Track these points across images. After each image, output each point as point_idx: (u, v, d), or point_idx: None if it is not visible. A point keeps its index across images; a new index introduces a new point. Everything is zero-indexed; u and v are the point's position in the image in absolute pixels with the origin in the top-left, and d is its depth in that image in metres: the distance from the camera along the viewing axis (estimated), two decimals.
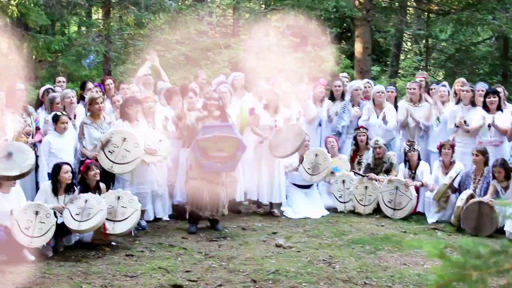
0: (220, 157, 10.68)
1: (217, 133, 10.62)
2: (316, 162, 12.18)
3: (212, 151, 10.57)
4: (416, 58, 29.28)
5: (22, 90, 10.78)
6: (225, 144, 10.61)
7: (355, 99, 13.49)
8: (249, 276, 8.35)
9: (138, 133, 10.75)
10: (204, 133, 10.54)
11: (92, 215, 9.50)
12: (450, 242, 7.10)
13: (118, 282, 8.16)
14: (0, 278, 8.36)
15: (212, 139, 10.55)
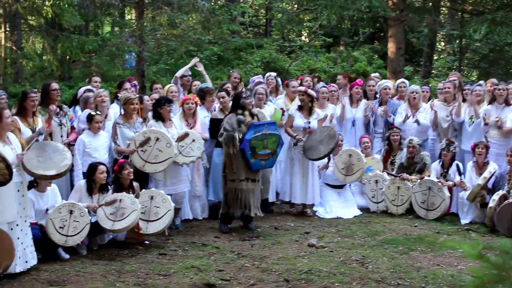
0: (265, 155, 10.74)
1: (265, 130, 10.67)
2: (350, 163, 12.14)
3: (259, 149, 10.63)
4: (450, 58, 29.08)
5: (56, 90, 10.84)
6: (269, 140, 10.67)
7: (383, 98, 13.42)
8: (281, 275, 8.35)
9: (172, 132, 10.79)
10: (255, 132, 10.58)
11: (126, 215, 9.56)
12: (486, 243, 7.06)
13: (151, 281, 8.21)
14: (35, 276, 8.44)
15: (261, 137, 10.59)
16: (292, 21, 26.54)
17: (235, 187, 10.80)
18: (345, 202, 12.42)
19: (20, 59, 21.68)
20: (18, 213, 8.52)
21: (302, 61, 25.04)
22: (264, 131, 10.72)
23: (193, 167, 11.36)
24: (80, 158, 10.37)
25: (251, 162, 10.63)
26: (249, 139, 10.54)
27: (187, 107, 11.33)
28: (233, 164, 10.76)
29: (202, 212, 11.85)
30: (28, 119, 9.99)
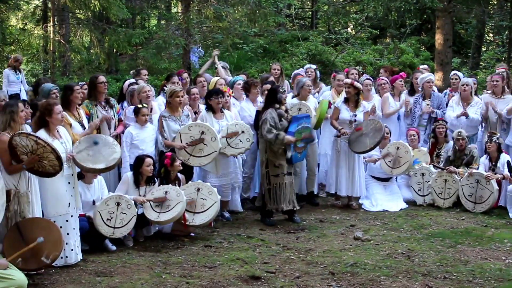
0: (301, 148, 10.84)
1: (304, 123, 10.71)
2: (397, 156, 12.05)
3: (298, 142, 10.65)
4: (498, 49, 28.69)
5: (104, 83, 10.92)
6: (304, 133, 10.69)
7: (426, 91, 13.27)
8: (327, 268, 8.34)
9: (222, 124, 10.84)
10: (298, 124, 10.65)
11: (171, 206, 9.62)
12: None
13: (197, 273, 8.26)
14: (83, 267, 8.55)
15: (301, 130, 10.62)
16: (338, 13, 26.40)
17: (280, 182, 10.83)
18: (391, 195, 12.34)
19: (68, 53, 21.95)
20: (70, 205, 8.64)
21: (348, 53, 24.92)
22: (303, 124, 10.79)
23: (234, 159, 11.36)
24: (127, 151, 10.46)
25: (292, 155, 10.65)
26: (294, 132, 10.58)
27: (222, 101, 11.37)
28: (275, 159, 10.78)
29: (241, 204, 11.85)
30: (74, 112, 10.09)
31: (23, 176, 8.12)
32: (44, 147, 7.86)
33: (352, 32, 28.69)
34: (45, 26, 23.96)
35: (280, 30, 28.01)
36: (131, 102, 11.40)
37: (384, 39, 28.55)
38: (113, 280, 7.99)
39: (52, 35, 22.59)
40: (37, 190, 8.36)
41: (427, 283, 7.73)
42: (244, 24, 24.32)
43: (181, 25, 20.43)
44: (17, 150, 7.93)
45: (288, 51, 25.15)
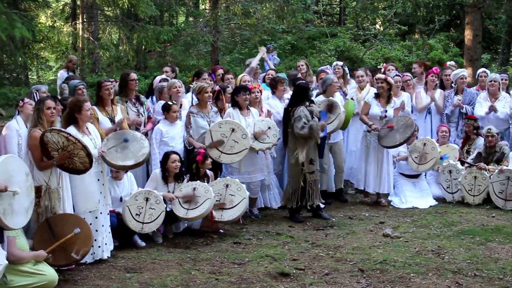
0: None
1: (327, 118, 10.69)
2: (424, 152, 11.96)
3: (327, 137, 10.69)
4: None
5: (135, 80, 10.95)
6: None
7: (459, 87, 13.18)
8: (356, 265, 8.31)
9: (248, 121, 10.83)
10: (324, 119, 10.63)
11: (200, 203, 9.63)
12: None
13: (226, 269, 8.27)
14: (113, 263, 8.60)
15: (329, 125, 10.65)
16: (366, 9, 26.33)
17: (315, 179, 10.84)
18: (421, 192, 12.26)
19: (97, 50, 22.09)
20: (99, 201, 8.70)
21: (377, 49, 24.84)
22: (326, 118, 10.83)
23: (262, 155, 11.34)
24: (157, 147, 10.48)
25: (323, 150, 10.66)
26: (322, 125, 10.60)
27: (253, 96, 11.36)
28: (310, 156, 10.77)
29: (273, 201, 11.83)
30: (107, 108, 10.12)
31: (54, 173, 8.18)
32: (74, 143, 7.90)
33: (381, 28, 28.58)
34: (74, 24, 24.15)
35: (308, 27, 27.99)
36: (159, 98, 11.42)
37: (413, 35, 28.39)
38: (142, 276, 8.02)
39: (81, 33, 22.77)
40: (68, 186, 8.42)
41: (457, 280, 7.67)
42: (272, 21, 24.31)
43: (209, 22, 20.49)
44: (48, 147, 7.98)
45: (316, 47, 25.13)
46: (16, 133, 8.51)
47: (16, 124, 8.68)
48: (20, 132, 8.56)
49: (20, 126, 8.66)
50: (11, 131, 8.53)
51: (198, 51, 23.94)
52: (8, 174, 7.06)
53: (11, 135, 8.51)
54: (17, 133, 8.52)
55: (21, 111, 8.89)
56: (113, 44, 25.16)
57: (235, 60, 23.51)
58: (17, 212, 7.16)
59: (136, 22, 21.22)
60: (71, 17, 25.63)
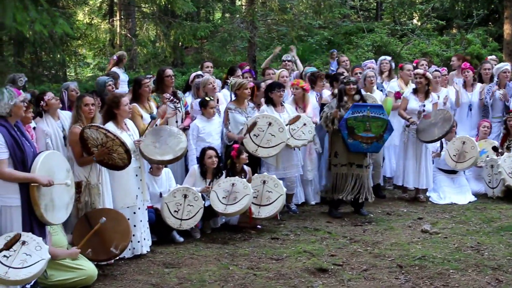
0: (367, 138, 10.59)
1: (367, 112, 10.51)
2: (463, 150, 11.85)
3: (359, 130, 10.49)
4: None
5: (171, 76, 10.99)
6: (373, 124, 10.50)
7: (502, 81, 13.04)
8: (394, 261, 8.27)
9: (283, 117, 10.80)
10: (353, 112, 10.47)
11: (238, 199, 9.65)
12: None
13: (264, 265, 8.28)
14: (151, 258, 8.65)
15: (361, 118, 10.47)
16: (403, 4, 26.17)
17: (337, 172, 10.80)
18: (459, 188, 12.16)
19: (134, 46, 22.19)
20: (137, 197, 8.76)
21: (414, 44, 24.66)
22: (365, 113, 10.52)
23: (305, 151, 11.34)
24: (194, 143, 10.51)
25: (348, 143, 10.53)
26: (345, 118, 10.45)
27: (296, 92, 11.35)
28: (335, 149, 10.77)
29: (314, 197, 11.83)
30: (145, 104, 10.19)
31: (94, 168, 8.26)
32: (113, 140, 7.96)
33: (418, 23, 28.35)
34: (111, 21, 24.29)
35: (345, 22, 27.88)
36: (197, 95, 11.45)
37: (451, 30, 28.11)
38: (181, 271, 8.07)
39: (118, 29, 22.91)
40: (107, 182, 8.50)
41: (497, 277, 7.59)
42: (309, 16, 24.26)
43: (245, 18, 20.48)
44: (88, 143, 8.06)
45: (353, 43, 25.02)
46: (43, 134, 8.57)
47: (44, 124, 8.73)
48: (48, 131, 8.61)
49: (48, 125, 8.72)
50: (38, 133, 8.61)
51: (234, 47, 23.97)
52: (50, 170, 7.15)
53: (38, 136, 8.58)
54: (44, 133, 8.58)
55: (47, 109, 8.92)
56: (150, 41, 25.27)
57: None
58: (58, 208, 7.25)
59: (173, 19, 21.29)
60: (109, 14, 25.78)
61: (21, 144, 7.00)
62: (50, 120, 8.78)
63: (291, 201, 11.23)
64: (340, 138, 10.61)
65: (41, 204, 6.94)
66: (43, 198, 7.00)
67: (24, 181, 6.93)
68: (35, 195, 6.91)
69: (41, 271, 6.64)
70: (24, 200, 6.94)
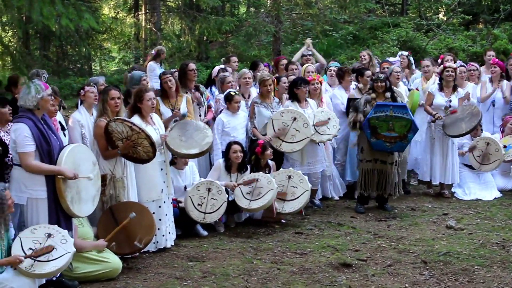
0: (390, 137, 10.52)
1: (390, 112, 10.44)
2: (487, 152, 11.73)
3: (382, 130, 10.42)
4: None
5: (194, 70, 11.00)
6: (396, 124, 10.42)
7: None
8: (419, 257, 8.25)
9: (307, 112, 10.78)
10: (376, 112, 10.41)
11: (262, 194, 9.65)
12: None
13: (288, 259, 8.28)
14: (175, 252, 8.69)
15: (384, 118, 10.40)
16: None
17: (363, 168, 10.78)
18: (485, 183, 12.08)
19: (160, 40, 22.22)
20: (162, 191, 8.80)
21: (440, 39, 24.47)
22: (388, 113, 10.43)
23: (322, 146, 11.28)
24: (219, 138, 10.52)
25: (371, 141, 10.50)
26: (368, 118, 10.41)
27: (312, 88, 11.32)
28: (361, 145, 10.78)
29: (334, 191, 11.79)
30: (171, 99, 10.20)
31: (119, 162, 8.31)
32: (138, 133, 7.99)
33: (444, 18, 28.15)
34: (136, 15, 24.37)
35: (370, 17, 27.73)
36: (221, 89, 11.43)
37: (477, 24, 27.86)
38: (205, 265, 8.10)
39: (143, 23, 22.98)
40: (132, 175, 8.54)
41: None
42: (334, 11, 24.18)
43: (271, 12, 20.47)
44: (113, 136, 8.11)
45: (378, 37, 24.89)
46: (78, 124, 8.58)
47: (79, 115, 8.74)
48: (83, 123, 8.62)
49: (83, 116, 8.73)
50: (73, 123, 8.63)
51: (259, 41, 23.96)
52: (76, 163, 7.21)
53: (73, 126, 8.61)
54: (79, 124, 8.59)
55: (84, 100, 8.96)
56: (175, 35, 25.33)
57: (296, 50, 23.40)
58: (84, 200, 7.32)
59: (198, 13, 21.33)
60: (134, 8, 25.89)
61: (48, 137, 7.07)
62: (85, 112, 8.79)
63: (315, 196, 11.21)
64: (365, 136, 10.58)
65: (67, 197, 7.00)
66: (69, 191, 7.05)
67: (50, 173, 7.00)
68: (61, 187, 6.97)
69: (66, 264, 6.69)
70: (50, 193, 7.01)
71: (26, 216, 7.10)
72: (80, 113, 8.74)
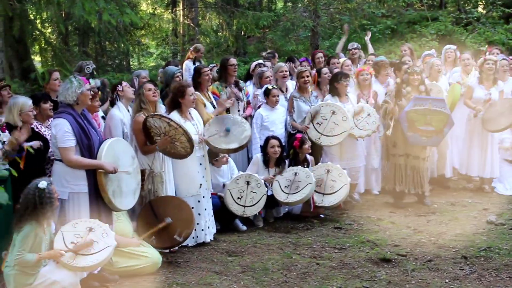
0: (427, 131, 10.44)
1: (429, 106, 10.36)
2: None
3: (420, 123, 10.34)
4: None
5: (234, 65, 11.02)
6: (434, 118, 10.35)
7: None
8: (459, 252, 8.17)
9: (347, 107, 10.73)
10: (415, 105, 10.34)
11: (300, 188, 9.64)
12: None
13: (327, 254, 8.27)
14: (215, 247, 8.72)
15: (422, 112, 10.32)
16: None
17: (395, 163, 10.71)
18: None
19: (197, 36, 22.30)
20: (201, 186, 8.84)
21: (479, 33, 24.24)
22: (427, 106, 10.37)
23: (370, 140, 11.23)
24: (258, 132, 10.52)
25: (407, 135, 10.41)
26: (406, 111, 10.33)
27: (361, 79, 11.28)
28: (393, 139, 10.67)
29: (377, 185, 11.73)
30: (205, 93, 10.22)
31: (157, 157, 8.35)
32: (176, 129, 8.03)
33: (483, 11, 27.89)
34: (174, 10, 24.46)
35: (408, 11, 27.54)
36: (259, 84, 11.42)
37: None
38: (244, 259, 8.12)
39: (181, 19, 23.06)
40: (170, 170, 8.60)
41: None
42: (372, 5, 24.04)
43: (308, 7, 20.41)
44: (151, 131, 8.15)
45: (416, 31, 24.71)
46: (120, 122, 8.59)
47: (118, 112, 8.76)
48: (124, 120, 8.65)
49: (123, 113, 8.76)
50: (115, 121, 8.61)
51: (297, 36, 23.92)
52: (116, 157, 7.26)
53: (115, 124, 8.57)
54: (121, 122, 8.62)
55: (122, 95, 8.96)
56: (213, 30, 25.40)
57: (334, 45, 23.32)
58: (126, 194, 7.37)
59: (235, 8, 21.37)
60: (171, 4, 26.00)
61: (88, 131, 7.12)
62: (124, 109, 8.84)
63: (355, 190, 11.16)
64: (399, 129, 10.50)
65: (108, 190, 7.05)
66: (110, 184, 7.11)
67: (91, 167, 7.06)
68: (103, 181, 7.02)
69: (107, 258, 6.73)
70: (91, 187, 7.07)
71: (67, 210, 7.15)
72: (119, 110, 8.77)
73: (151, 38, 29.21)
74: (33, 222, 6.37)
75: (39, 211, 6.38)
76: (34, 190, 6.42)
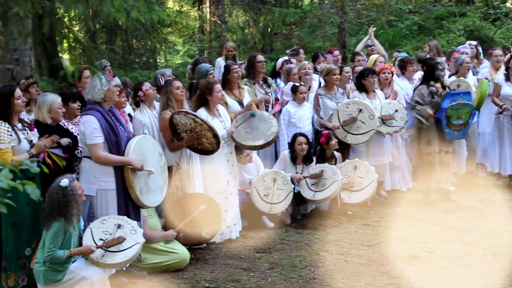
0: (458, 125, 10.42)
1: (460, 100, 10.34)
2: None
3: (454, 118, 10.33)
4: None
5: (262, 62, 11.02)
6: (463, 111, 10.33)
7: None
8: (488, 249, 8.13)
9: (375, 104, 10.70)
10: (451, 101, 10.31)
11: (327, 185, 9.62)
12: None
13: (355, 251, 8.26)
14: (242, 243, 8.73)
15: (456, 106, 10.30)
16: None
17: (432, 160, 10.63)
18: None
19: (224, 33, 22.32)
20: (228, 182, 8.85)
21: (508, 28, 24.06)
22: (459, 101, 10.37)
23: (392, 137, 11.18)
24: (285, 129, 10.49)
25: (445, 132, 10.38)
26: (445, 108, 10.28)
27: (383, 77, 11.23)
28: (427, 137, 10.59)
29: (403, 183, 11.66)
30: (234, 91, 10.21)
31: (185, 153, 8.40)
32: (201, 125, 8.05)
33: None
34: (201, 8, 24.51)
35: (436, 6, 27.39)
36: (287, 80, 11.42)
37: None
38: (272, 256, 8.12)
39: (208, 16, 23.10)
40: (198, 167, 8.60)
41: None
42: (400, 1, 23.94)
43: (335, 3, 20.37)
44: (177, 128, 8.18)
45: (444, 27, 24.57)
46: (140, 124, 8.66)
47: (140, 115, 8.79)
48: (145, 122, 8.70)
49: (144, 115, 8.79)
50: (136, 124, 8.72)
51: (324, 32, 23.88)
52: (143, 154, 7.29)
53: (135, 127, 8.68)
54: (141, 124, 8.67)
55: (144, 99, 8.97)
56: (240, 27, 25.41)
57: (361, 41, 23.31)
58: (153, 191, 7.40)
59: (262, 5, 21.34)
60: (198, 1, 26.04)
61: (116, 128, 7.16)
62: (147, 110, 8.86)
63: (382, 187, 11.12)
64: (433, 126, 10.45)
65: (136, 187, 7.08)
66: (137, 181, 7.14)
67: (119, 164, 7.10)
68: (130, 178, 7.06)
69: (136, 255, 6.76)
70: (119, 184, 7.11)
71: (95, 207, 7.21)
72: (141, 113, 8.82)
73: (178, 35, 29.30)
74: (61, 219, 6.41)
75: (64, 208, 6.41)
76: (57, 189, 6.45)
